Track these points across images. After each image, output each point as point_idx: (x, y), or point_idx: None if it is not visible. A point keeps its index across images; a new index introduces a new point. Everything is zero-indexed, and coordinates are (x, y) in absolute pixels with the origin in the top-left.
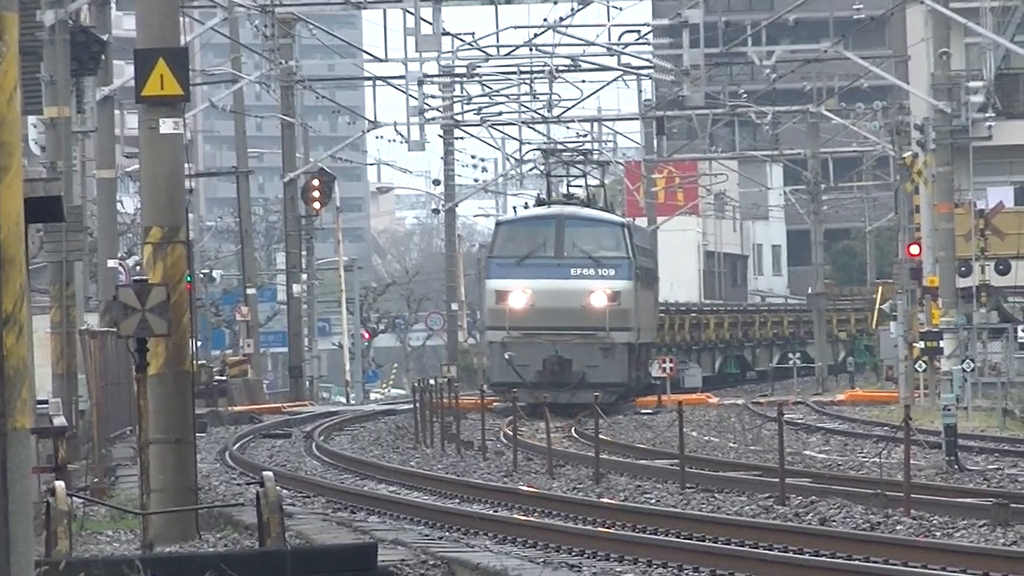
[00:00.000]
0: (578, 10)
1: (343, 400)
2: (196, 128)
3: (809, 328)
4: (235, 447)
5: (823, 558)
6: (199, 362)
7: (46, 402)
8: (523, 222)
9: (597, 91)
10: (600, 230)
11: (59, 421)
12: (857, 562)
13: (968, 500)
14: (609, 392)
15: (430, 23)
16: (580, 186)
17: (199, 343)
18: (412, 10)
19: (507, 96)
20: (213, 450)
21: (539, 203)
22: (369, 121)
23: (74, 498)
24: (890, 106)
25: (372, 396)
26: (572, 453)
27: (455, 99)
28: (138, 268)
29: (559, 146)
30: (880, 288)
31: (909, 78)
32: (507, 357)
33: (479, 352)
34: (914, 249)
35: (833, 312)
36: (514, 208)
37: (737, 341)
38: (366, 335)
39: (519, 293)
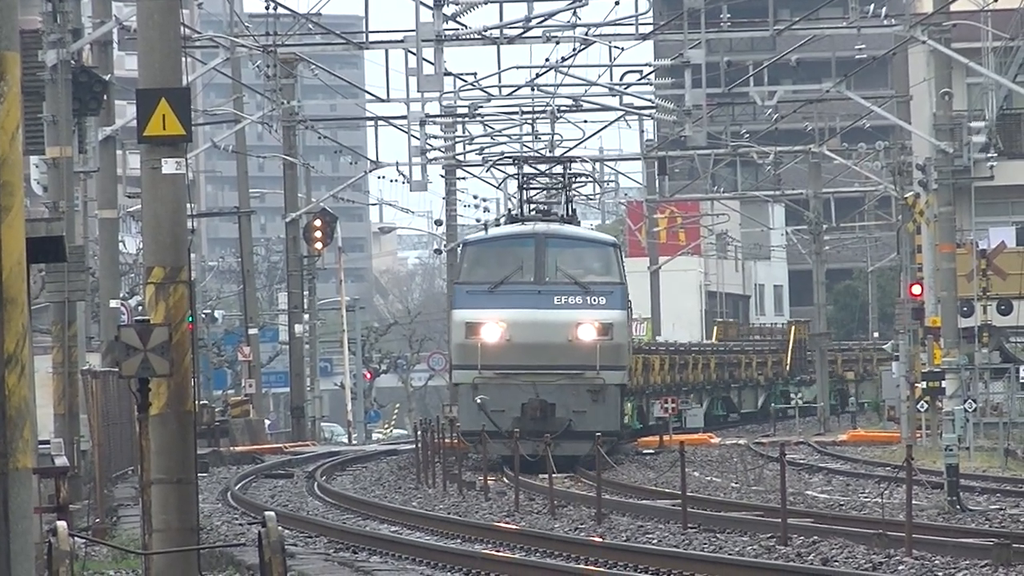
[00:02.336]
0: (580, 50)
1: (345, 440)
2: (198, 168)
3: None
4: (237, 487)
5: None
6: (201, 402)
7: (48, 442)
8: (496, 242)
9: (599, 131)
10: (588, 251)
11: (61, 461)
12: None
13: (970, 540)
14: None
15: (432, 63)
16: (557, 202)
17: (201, 383)
18: (414, 50)
19: (509, 136)
20: (215, 490)
21: (512, 220)
22: (371, 161)
23: (76, 538)
24: (892, 146)
25: (374, 436)
26: (574, 493)
27: (457, 139)
28: (140, 308)
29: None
30: (792, 327)
31: (911, 118)
32: (478, 401)
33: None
34: (916, 289)
35: (837, 352)
36: (485, 225)
37: (724, 382)
38: (368, 375)
39: (492, 326)
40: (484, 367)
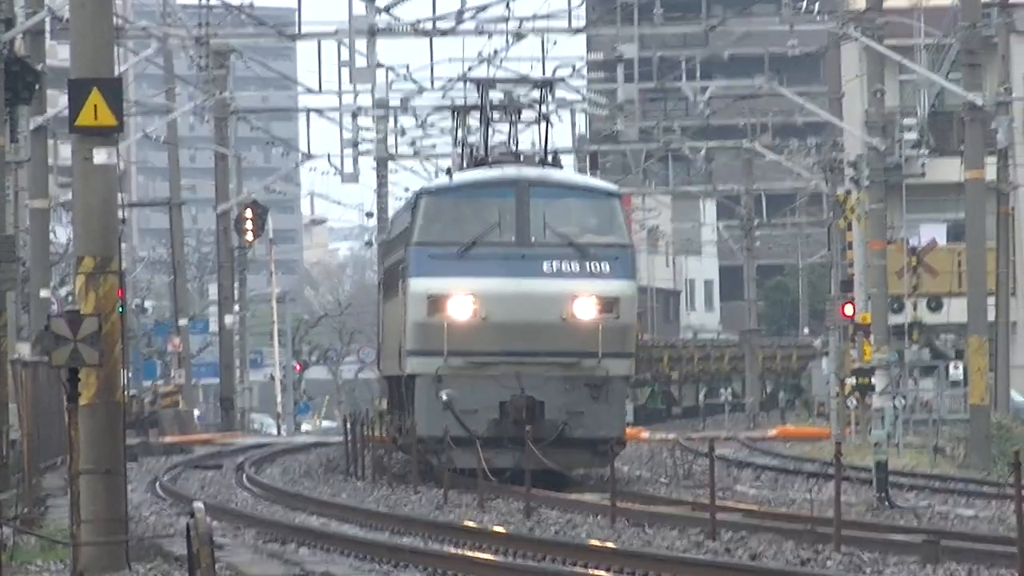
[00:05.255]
0: (513, 44)
1: (274, 432)
2: (130, 159)
3: (737, 364)
4: (166, 478)
5: None
6: (131, 393)
7: None
8: (464, 191)
9: (531, 124)
10: (584, 203)
11: None
12: None
13: (898, 537)
14: (599, 452)
15: (365, 55)
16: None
17: (131, 374)
18: (347, 42)
19: (441, 129)
20: (144, 481)
21: (478, 163)
22: (303, 153)
23: (4, 528)
24: (824, 143)
25: (303, 428)
26: (503, 487)
27: (389, 131)
28: (70, 298)
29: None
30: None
31: (843, 115)
32: (443, 398)
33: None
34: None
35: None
36: (448, 170)
37: (664, 376)
38: (298, 367)
39: (462, 299)
40: (451, 353)
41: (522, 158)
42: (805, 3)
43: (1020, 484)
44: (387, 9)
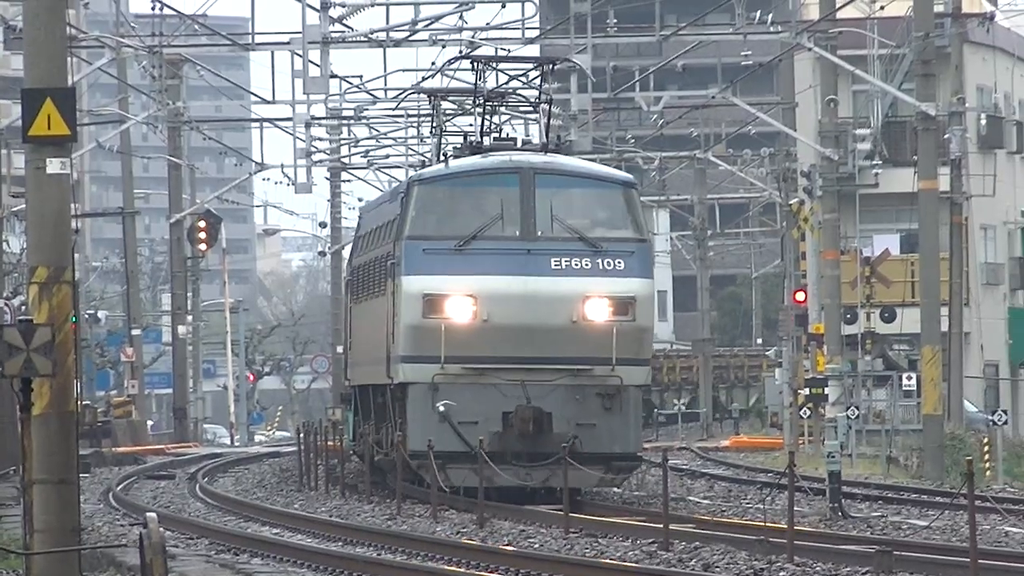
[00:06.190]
0: (467, 54)
1: (228, 442)
2: (83, 168)
3: (689, 375)
4: (119, 488)
5: None
6: (84, 403)
7: None
8: (462, 179)
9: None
10: (596, 192)
11: None
12: None
13: (852, 547)
14: (612, 468)
15: (318, 65)
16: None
17: (84, 384)
18: (300, 52)
19: (394, 139)
20: (97, 491)
21: (474, 149)
22: (256, 163)
23: None
24: (777, 153)
25: (257, 438)
26: (456, 497)
27: (342, 142)
28: (23, 308)
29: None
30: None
31: (796, 125)
32: (440, 409)
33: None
34: (800, 296)
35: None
36: (444, 155)
37: None
38: (251, 377)
39: (461, 300)
40: (449, 360)
41: (520, 144)
42: (759, 13)
43: (973, 494)
44: (340, 19)
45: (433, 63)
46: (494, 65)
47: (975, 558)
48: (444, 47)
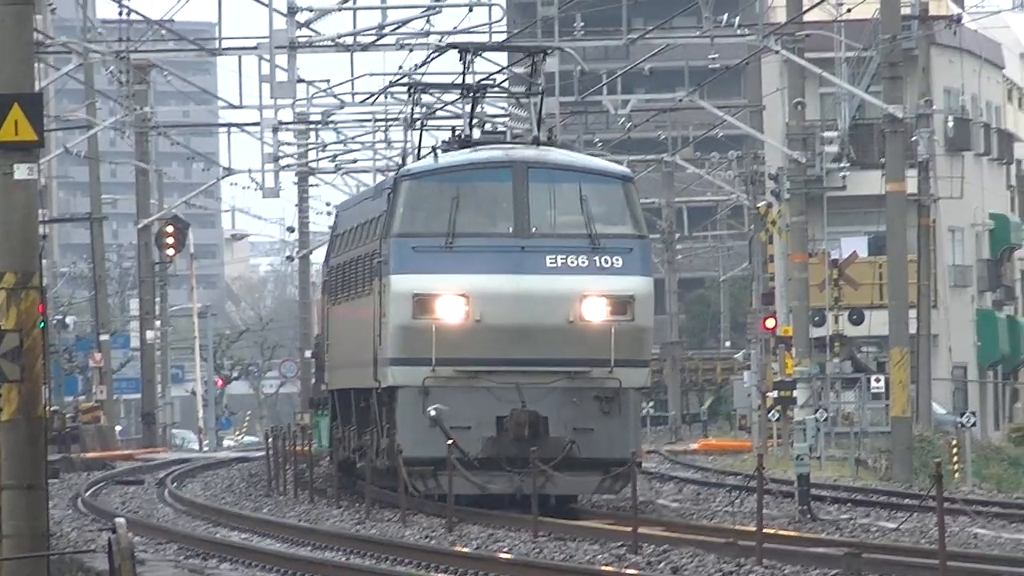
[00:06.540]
0: (434, 57)
1: (196, 447)
2: (50, 174)
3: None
4: (87, 493)
5: None
6: (52, 408)
7: None
8: (453, 173)
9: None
10: (593, 187)
11: None
12: None
13: (820, 550)
14: (611, 474)
15: (285, 70)
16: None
17: (52, 389)
18: (267, 57)
19: (362, 144)
20: (65, 496)
21: (464, 144)
22: (224, 168)
23: None
24: (745, 155)
25: (225, 443)
26: (424, 501)
27: (310, 146)
28: None
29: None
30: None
31: (764, 128)
32: (431, 414)
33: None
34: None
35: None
36: (434, 149)
37: None
38: (219, 382)
39: (452, 300)
40: (440, 362)
41: (509, 137)
42: (726, 16)
43: (942, 496)
44: (307, 24)
45: (400, 67)
46: (481, 54)
47: (944, 560)
48: (411, 51)
